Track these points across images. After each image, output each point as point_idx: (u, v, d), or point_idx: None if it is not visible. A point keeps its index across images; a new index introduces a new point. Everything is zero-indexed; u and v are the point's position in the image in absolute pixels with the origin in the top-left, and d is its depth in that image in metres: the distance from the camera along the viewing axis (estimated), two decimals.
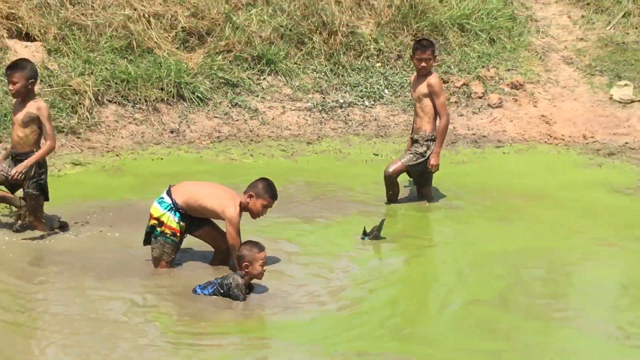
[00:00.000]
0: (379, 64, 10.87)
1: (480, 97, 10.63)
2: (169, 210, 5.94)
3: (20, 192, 6.69)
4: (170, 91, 9.60)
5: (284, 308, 5.73)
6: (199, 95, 9.73)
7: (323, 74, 10.60)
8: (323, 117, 10.09)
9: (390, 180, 7.72)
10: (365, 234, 7.01)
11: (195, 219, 6.12)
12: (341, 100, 10.33)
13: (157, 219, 5.94)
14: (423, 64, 7.74)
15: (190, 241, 6.34)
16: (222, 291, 5.64)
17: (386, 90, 10.53)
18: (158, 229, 5.98)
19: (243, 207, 6.01)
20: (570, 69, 11.55)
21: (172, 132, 9.41)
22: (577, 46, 11.87)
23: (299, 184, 8.40)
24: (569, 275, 6.98)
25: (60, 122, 8.78)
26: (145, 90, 9.48)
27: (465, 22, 11.37)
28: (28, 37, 9.52)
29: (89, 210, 7.32)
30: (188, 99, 9.71)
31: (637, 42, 11.70)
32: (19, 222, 6.55)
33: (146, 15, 10.02)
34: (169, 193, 6.02)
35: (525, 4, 12.12)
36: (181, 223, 5.95)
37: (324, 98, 10.34)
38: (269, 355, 5.25)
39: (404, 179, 7.96)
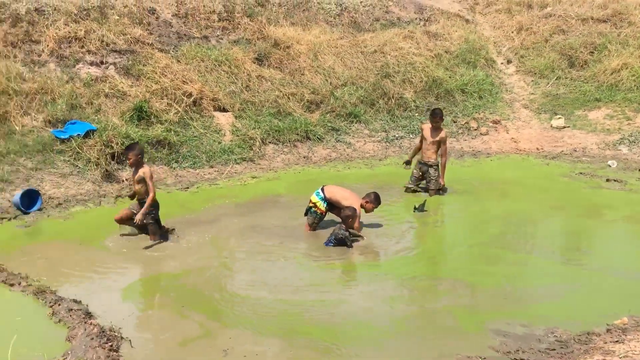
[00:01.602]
0: (417, 114, 14.34)
1: (476, 130, 14.16)
2: (321, 199, 8.23)
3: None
4: (302, 135, 13.02)
5: (374, 252, 7.83)
6: (318, 136, 13.13)
7: (385, 121, 14.08)
8: (387, 145, 13.45)
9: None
10: (415, 208, 9.29)
11: (333, 206, 8.37)
12: (397, 135, 13.75)
13: (314, 203, 8.29)
14: (435, 124, 10.09)
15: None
16: (336, 241, 7.79)
17: None
18: (313, 208, 8.29)
19: (362, 206, 8.22)
20: (526, 110, 14.98)
21: (304, 157, 12.61)
22: (530, 97, 15.43)
23: (376, 183, 10.51)
24: (534, 226, 8.90)
25: (243, 155, 12.10)
26: (288, 135, 12.89)
27: (464, 87, 15.07)
28: (224, 110, 12.90)
29: (267, 200, 9.91)
30: (312, 139, 13.06)
31: (565, 93, 15.11)
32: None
33: (287, 94, 13.63)
34: (322, 190, 8.32)
35: (498, 76, 15.81)
36: (326, 207, 8.24)
37: (387, 134, 13.75)
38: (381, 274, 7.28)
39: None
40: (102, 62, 12.70)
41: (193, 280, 6.92)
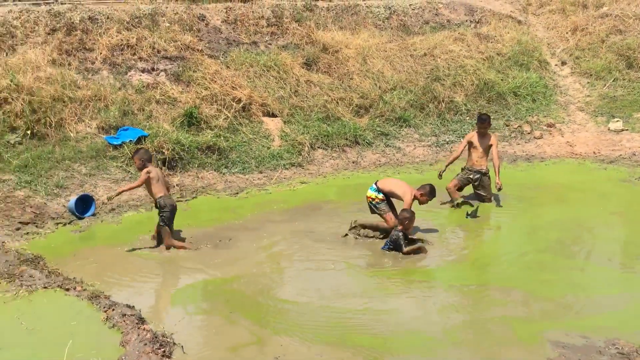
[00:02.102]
0: (468, 118, 14.03)
1: (529, 133, 13.75)
2: (374, 191, 8.52)
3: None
4: (351, 140, 12.81)
5: (425, 259, 7.75)
6: (367, 141, 12.89)
7: (436, 125, 13.80)
8: (437, 150, 13.16)
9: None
10: (467, 214, 9.24)
11: (388, 198, 8.59)
12: (447, 140, 13.44)
13: (372, 198, 8.53)
14: (482, 130, 10.01)
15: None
16: (391, 243, 7.87)
17: None
18: (373, 201, 8.49)
19: (415, 197, 8.30)
20: (582, 113, 14.55)
21: (353, 162, 12.44)
22: (585, 100, 14.94)
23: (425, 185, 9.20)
24: (592, 232, 8.74)
25: (292, 160, 11.99)
26: (337, 140, 12.72)
27: (517, 90, 14.67)
28: (273, 115, 12.84)
29: (316, 205, 9.93)
30: (361, 144, 12.85)
31: (623, 95, 14.67)
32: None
33: (335, 99, 13.55)
34: (376, 184, 8.58)
35: (552, 78, 15.38)
36: (382, 196, 8.49)
37: (437, 139, 13.46)
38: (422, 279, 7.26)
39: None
40: (153, 69, 12.92)
41: (243, 286, 6.96)
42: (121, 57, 12.91)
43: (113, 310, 5.85)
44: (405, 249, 7.72)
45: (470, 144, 10.26)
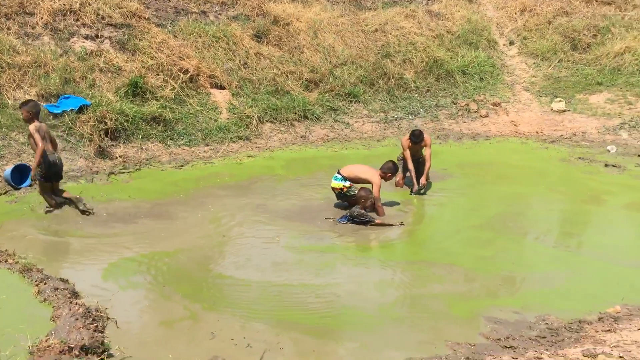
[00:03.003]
0: (417, 95, 14.28)
1: (476, 112, 14.12)
2: (341, 180, 8.48)
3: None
4: (300, 114, 12.98)
5: (368, 236, 7.71)
6: (316, 116, 13.10)
7: (385, 102, 14.02)
8: (385, 126, 13.39)
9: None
10: (412, 192, 9.35)
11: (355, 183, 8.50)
12: (395, 116, 13.72)
13: (338, 188, 8.45)
14: (415, 146, 9.42)
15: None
16: (352, 218, 7.96)
17: (421, 110, 13.94)
18: (344, 191, 8.43)
19: (381, 177, 8.49)
20: (527, 93, 14.92)
21: (301, 137, 12.59)
22: (531, 80, 15.34)
23: (374, 161, 9.67)
24: (532, 210, 8.97)
25: (240, 133, 12.01)
26: (286, 114, 12.85)
27: (465, 68, 14.97)
28: (221, 87, 12.88)
29: (263, 179, 9.99)
30: (310, 118, 13.04)
31: (566, 76, 15.02)
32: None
33: (285, 72, 13.54)
34: (339, 173, 8.53)
35: (500, 57, 15.70)
36: (349, 184, 8.46)
37: (385, 115, 13.69)
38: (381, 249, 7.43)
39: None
40: (97, 36, 12.60)
41: (182, 261, 6.88)
42: (63, 22, 12.51)
43: (45, 284, 5.70)
44: (377, 220, 7.99)
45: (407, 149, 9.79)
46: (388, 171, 8.58)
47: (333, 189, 8.52)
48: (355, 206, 8.10)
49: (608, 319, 5.67)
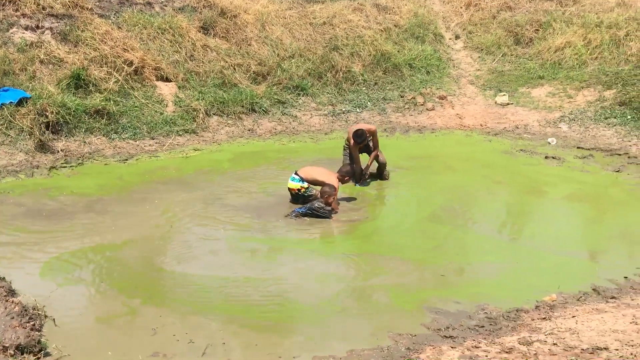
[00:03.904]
0: (364, 88, 14.30)
1: (422, 105, 14.14)
2: (298, 182, 8.45)
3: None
4: (248, 107, 12.79)
5: (314, 230, 7.77)
6: (264, 109, 12.94)
7: (333, 95, 13.94)
8: (333, 119, 13.34)
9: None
10: (355, 182, 9.41)
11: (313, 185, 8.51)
12: (343, 109, 13.67)
13: (299, 189, 8.43)
14: (360, 144, 9.43)
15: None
16: (311, 211, 7.95)
17: (369, 103, 13.95)
18: (301, 191, 8.46)
19: (339, 180, 8.53)
20: (472, 87, 15.08)
21: (249, 130, 12.43)
22: (476, 74, 15.53)
23: (321, 157, 10.57)
24: (475, 200, 9.08)
25: (186, 126, 11.82)
26: (233, 107, 12.66)
27: (412, 62, 15.09)
28: (167, 80, 12.65)
29: (209, 172, 9.81)
30: (257, 111, 12.88)
31: (510, 70, 15.27)
32: None
33: (232, 65, 13.44)
34: (296, 174, 8.49)
35: (446, 51, 15.86)
36: (307, 185, 8.44)
37: (333, 108, 13.62)
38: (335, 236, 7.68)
39: None
40: (37, 27, 12.26)
41: (124, 256, 6.81)
42: (2, 12, 12.19)
43: None
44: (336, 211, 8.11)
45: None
46: (346, 175, 8.70)
47: (290, 189, 8.51)
48: (317, 199, 8.11)
49: (544, 307, 5.83)
